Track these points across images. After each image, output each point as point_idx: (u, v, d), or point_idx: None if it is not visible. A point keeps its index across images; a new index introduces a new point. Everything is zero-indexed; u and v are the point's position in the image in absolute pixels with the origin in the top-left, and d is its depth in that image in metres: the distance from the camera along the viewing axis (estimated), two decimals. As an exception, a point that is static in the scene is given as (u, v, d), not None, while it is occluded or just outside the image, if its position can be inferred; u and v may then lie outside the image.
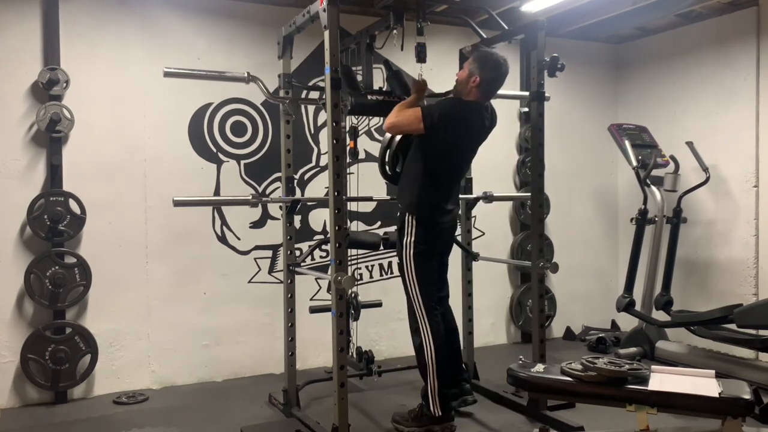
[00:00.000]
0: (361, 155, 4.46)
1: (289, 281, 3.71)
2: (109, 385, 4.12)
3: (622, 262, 5.24)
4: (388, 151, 3.58)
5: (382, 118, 4.76)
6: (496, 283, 5.32)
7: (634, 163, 4.68)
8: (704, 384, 2.31)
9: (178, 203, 3.34)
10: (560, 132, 5.39)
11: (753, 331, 4.04)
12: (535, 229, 3.61)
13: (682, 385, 2.30)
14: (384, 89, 3.74)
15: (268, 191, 4.55)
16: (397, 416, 3.39)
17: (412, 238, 3.26)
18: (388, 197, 4.68)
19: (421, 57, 3.43)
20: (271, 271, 4.56)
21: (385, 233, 3.91)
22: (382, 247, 3.87)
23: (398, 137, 3.50)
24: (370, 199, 4.39)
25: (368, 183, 4.32)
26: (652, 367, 2.51)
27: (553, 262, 3.57)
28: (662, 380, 2.35)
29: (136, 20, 4.17)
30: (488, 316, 5.24)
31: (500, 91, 4.13)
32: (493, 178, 5.07)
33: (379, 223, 4.89)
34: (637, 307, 4.63)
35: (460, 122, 3.23)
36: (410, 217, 3.28)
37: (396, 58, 3.97)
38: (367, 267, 4.84)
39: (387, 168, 3.61)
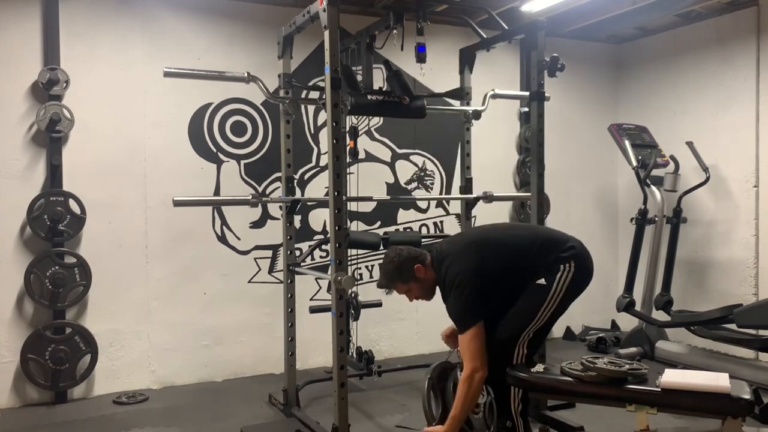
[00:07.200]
0: (361, 155, 4.46)
1: (289, 281, 3.71)
2: (109, 385, 4.12)
3: (622, 262, 5.23)
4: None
5: (381, 118, 4.81)
6: (496, 283, 5.31)
7: (634, 163, 4.68)
8: (715, 380, 2.28)
9: (178, 203, 3.35)
10: (560, 132, 5.39)
11: (753, 331, 4.04)
12: (535, 229, 3.60)
13: (687, 383, 2.28)
14: (384, 89, 3.74)
15: (268, 191, 4.55)
16: None
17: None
18: (388, 197, 4.69)
19: (420, 58, 3.42)
20: (271, 271, 4.56)
21: (385, 233, 3.90)
22: (381, 247, 3.86)
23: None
24: (370, 199, 4.39)
25: (368, 183, 4.32)
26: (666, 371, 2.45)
27: (553, 262, 3.55)
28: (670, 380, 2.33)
29: (136, 20, 4.17)
30: (488, 316, 5.23)
31: (501, 91, 4.17)
32: (493, 178, 5.07)
33: (379, 223, 4.89)
34: (637, 307, 4.63)
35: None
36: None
37: (396, 58, 3.97)
38: (367, 267, 4.83)
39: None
